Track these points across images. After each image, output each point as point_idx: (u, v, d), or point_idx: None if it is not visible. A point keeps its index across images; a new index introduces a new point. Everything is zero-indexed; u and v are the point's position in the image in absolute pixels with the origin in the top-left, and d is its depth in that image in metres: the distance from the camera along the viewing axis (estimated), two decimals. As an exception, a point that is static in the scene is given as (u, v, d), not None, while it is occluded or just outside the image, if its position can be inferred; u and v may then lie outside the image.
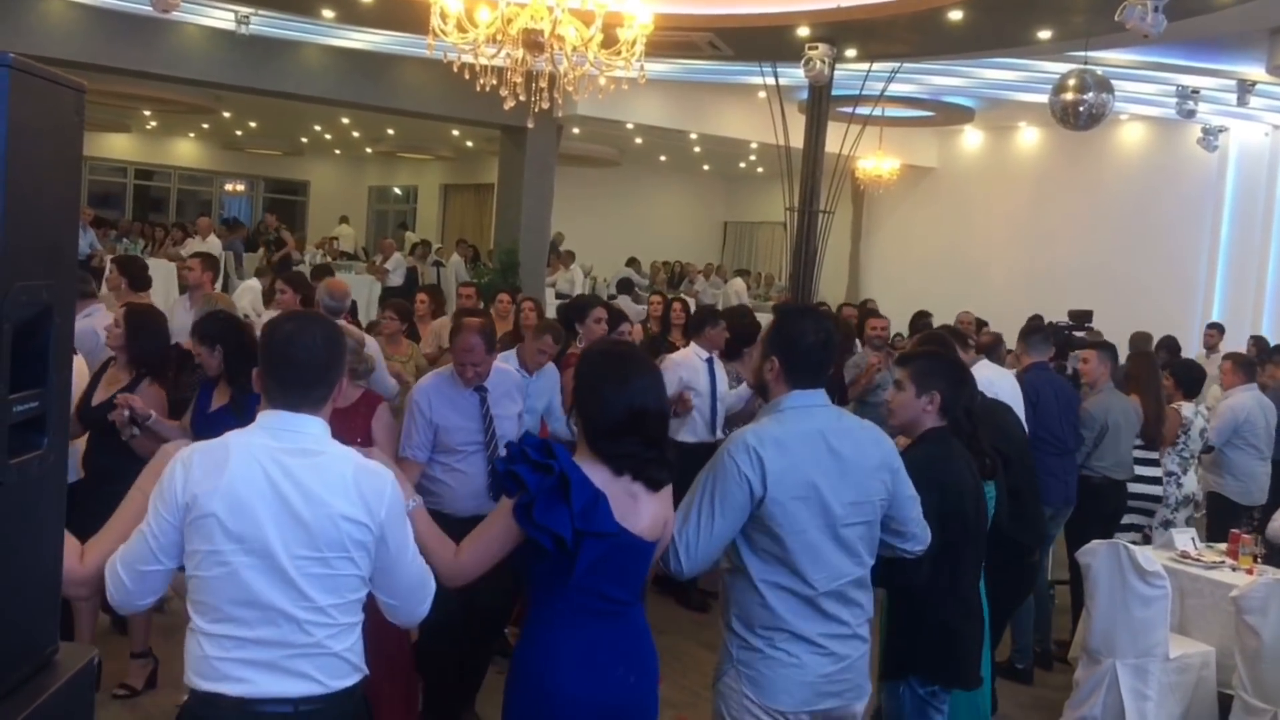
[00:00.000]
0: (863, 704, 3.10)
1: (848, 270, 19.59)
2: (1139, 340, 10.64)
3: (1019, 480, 4.65)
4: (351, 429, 4.18)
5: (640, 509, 2.69)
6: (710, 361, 6.63)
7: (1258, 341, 11.41)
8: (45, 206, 1.74)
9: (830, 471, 2.94)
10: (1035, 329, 6.42)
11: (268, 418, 2.41)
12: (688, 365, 6.56)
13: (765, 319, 7.87)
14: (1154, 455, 6.69)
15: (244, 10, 11.80)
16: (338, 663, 2.37)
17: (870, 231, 19.74)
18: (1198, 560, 5.45)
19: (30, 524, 1.78)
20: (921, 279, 17.33)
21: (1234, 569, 5.36)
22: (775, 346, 3.06)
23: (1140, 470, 6.53)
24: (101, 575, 2.35)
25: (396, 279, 15.21)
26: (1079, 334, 10.24)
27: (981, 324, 10.09)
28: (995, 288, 16.08)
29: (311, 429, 2.42)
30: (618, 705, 2.70)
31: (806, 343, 3.04)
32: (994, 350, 6.90)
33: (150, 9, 10.53)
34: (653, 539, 2.75)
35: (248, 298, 9.75)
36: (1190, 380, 7.06)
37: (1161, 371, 7.05)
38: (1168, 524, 6.59)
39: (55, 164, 1.78)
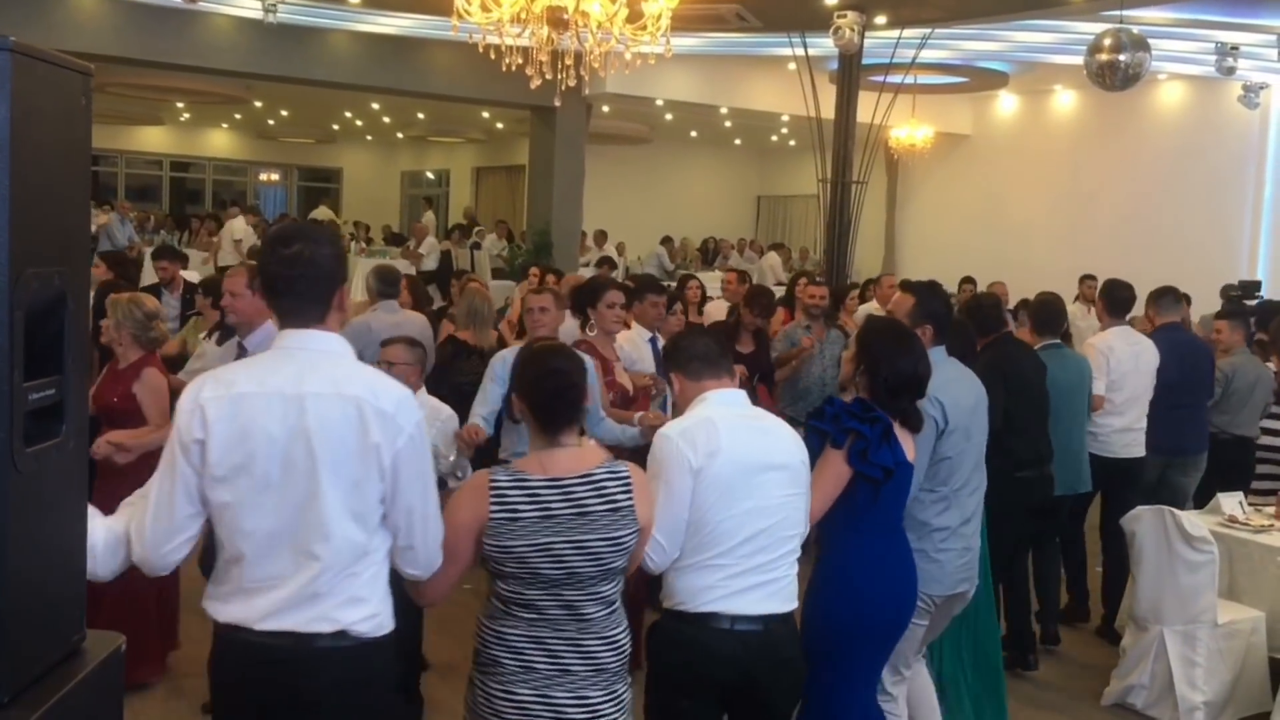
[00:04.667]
0: (974, 588, 3.97)
1: (884, 241, 19.39)
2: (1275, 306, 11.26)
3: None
4: (125, 390, 4.61)
5: (908, 445, 3.50)
6: (654, 340, 5.69)
7: None
8: (53, 192, 1.72)
9: (973, 404, 3.92)
10: (1165, 291, 6.71)
11: (718, 394, 3.10)
12: (632, 348, 5.60)
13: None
14: None
15: (270, -2, 11.82)
16: (794, 586, 3.06)
17: (905, 201, 19.50)
18: (1246, 524, 5.36)
19: (51, 512, 1.77)
20: (959, 247, 17.08)
21: (1283, 532, 5.27)
22: (928, 316, 3.95)
23: None
24: None
25: (430, 263, 15.23)
26: (1250, 302, 10.82)
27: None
28: (1035, 253, 15.80)
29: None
30: (900, 605, 3.48)
31: (946, 309, 4.09)
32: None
33: (178, 0, 10.57)
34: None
35: None
36: None
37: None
38: None
39: (62, 148, 1.76)
